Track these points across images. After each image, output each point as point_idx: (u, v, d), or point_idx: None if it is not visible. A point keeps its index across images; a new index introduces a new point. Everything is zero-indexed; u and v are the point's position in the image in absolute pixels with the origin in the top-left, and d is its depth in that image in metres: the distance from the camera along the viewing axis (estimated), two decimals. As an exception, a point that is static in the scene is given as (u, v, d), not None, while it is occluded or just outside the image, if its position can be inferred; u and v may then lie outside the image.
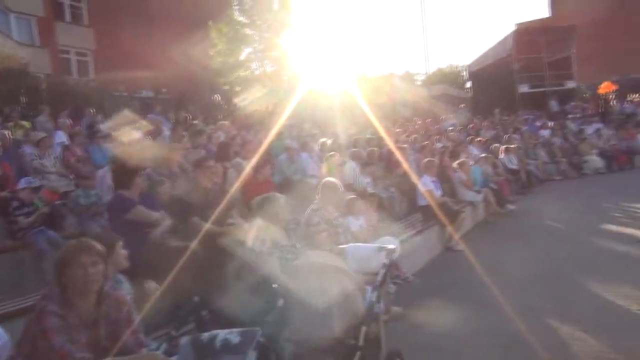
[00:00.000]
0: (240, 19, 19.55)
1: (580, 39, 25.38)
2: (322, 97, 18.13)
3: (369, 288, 3.64)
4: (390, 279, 4.92)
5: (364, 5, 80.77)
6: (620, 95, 23.97)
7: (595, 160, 15.75)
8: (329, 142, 10.86)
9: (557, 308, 5.04)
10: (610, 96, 23.57)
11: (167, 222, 4.93)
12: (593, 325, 4.52)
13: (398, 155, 9.77)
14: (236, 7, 20.08)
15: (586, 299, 5.28)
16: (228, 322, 2.95)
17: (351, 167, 9.03)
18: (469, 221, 9.37)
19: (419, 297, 5.73)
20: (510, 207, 10.72)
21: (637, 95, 24.12)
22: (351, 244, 4.53)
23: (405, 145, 11.18)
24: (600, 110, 22.29)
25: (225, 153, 8.42)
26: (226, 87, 19.32)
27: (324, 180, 5.72)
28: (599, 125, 18.94)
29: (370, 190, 8.08)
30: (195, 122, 12.61)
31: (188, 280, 3.72)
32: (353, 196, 6.53)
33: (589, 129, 18.40)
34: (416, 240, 7.32)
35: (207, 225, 4.96)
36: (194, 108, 16.84)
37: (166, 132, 9.85)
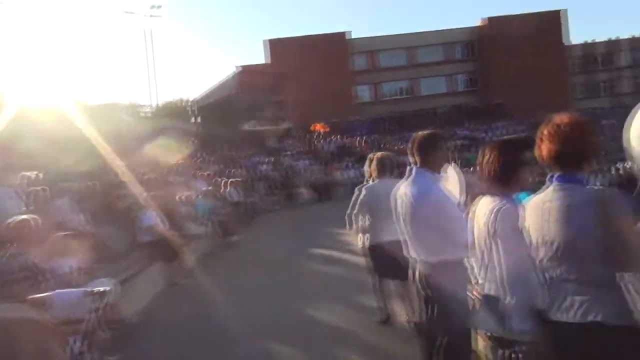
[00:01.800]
0: None
1: (292, 84, 28.81)
2: (30, 125, 15.89)
3: (75, 338, 3.28)
4: (105, 324, 4.52)
5: (82, 29, 75.07)
6: (325, 136, 28.01)
7: (306, 192, 17.91)
8: (33, 175, 9.53)
9: (276, 329, 5.44)
10: (318, 136, 27.30)
11: None
12: (305, 340, 5.04)
13: (122, 189, 9.23)
14: None
15: (299, 317, 5.82)
16: None
17: (63, 202, 8.09)
18: (195, 254, 9.42)
19: (141, 339, 5.43)
20: (235, 238, 11.23)
21: (339, 136, 28.55)
22: (56, 291, 4.02)
23: (128, 179, 10.62)
24: (310, 149, 25.54)
25: None
26: None
27: (19, 219, 4.94)
28: (309, 162, 21.71)
29: (85, 227, 7.36)
30: None
31: None
32: (63, 234, 5.82)
33: (301, 165, 20.88)
34: (139, 279, 6.97)
35: None
36: None
37: None
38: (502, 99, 37.54)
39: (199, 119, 33.40)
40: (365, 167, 5.25)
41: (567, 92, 41.21)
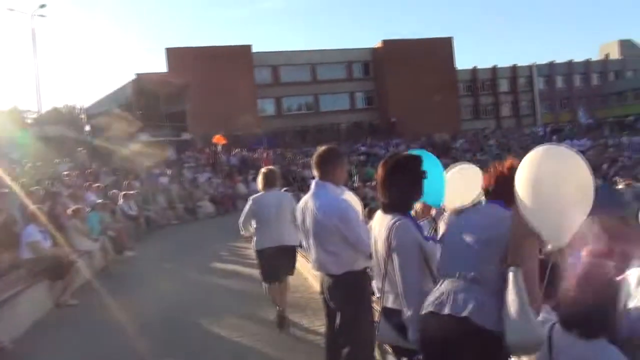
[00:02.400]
0: None
1: (193, 94, 28.07)
2: None
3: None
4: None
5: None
6: (226, 148, 27.60)
7: (207, 205, 17.49)
8: None
9: (176, 349, 5.22)
10: (219, 149, 26.80)
11: None
12: (208, 358, 4.89)
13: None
14: None
15: (201, 335, 5.64)
16: None
17: None
18: (86, 272, 8.78)
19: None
20: (129, 253, 10.65)
21: (239, 149, 28.30)
22: None
23: (5, 190, 9.68)
24: (211, 161, 25.01)
25: None
26: None
27: None
28: (210, 174, 21.25)
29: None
30: None
31: None
32: None
33: (202, 177, 20.37)
34: (18, 300, 6.34)
35: None
36: None
37: None
38: (397, 117, 39.56)
39: (90, 128, 31.39)
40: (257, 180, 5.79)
41: (456, 113, 44.44)
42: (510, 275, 2.07)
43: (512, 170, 2.35)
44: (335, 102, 44.54)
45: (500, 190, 2.37)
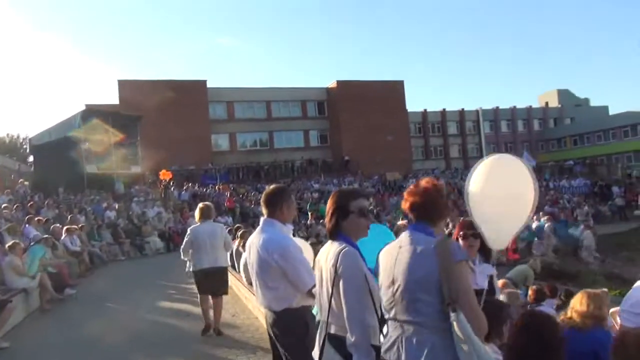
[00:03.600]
0: None
1: (145, 128, 27.51)
2: None
3: None
4: None
5: None
6: (179, 183, 27.04)
7: (155, 242, 16.95)
8: None
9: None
10: (170, 183, 26.22)
11: None
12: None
13: None
14: None
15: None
16: None
17: None
18: (20, 312, 8.26)
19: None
20: (70, 291, 10.09)
21: (191, 184, 27.82)
22: None
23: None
24: (161, 195, 24.40)
25: None
26: None
27: None
28: (160, 209, 20.68)
29: None
30: None
31: None
32: None
33: (151, 212, 19.79)
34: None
35: None
36: None
37: None
38: (350, 155, 40.20)
39: (33, 158, 30.10)
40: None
41: (407, 153, 45.58)
42: (454, 323, 2.07)
43: (438, 189, 2.39)
44: (289, 139, 44.83)
45: (427, 209, 2.36)
